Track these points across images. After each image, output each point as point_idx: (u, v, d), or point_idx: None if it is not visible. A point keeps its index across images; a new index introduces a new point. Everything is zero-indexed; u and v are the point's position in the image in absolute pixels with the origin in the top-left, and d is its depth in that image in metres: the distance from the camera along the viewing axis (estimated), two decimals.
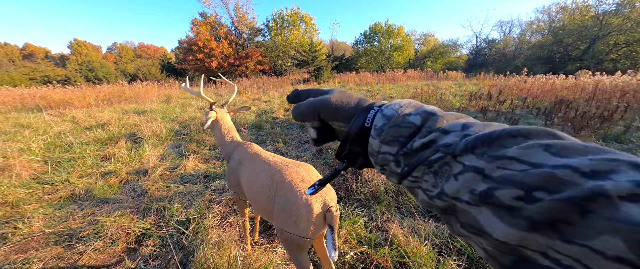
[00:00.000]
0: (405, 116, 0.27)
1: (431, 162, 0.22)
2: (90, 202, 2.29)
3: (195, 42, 18.86)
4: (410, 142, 0.25)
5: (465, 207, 0.19)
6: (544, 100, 6.55)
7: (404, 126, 0.26)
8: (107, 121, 5.20)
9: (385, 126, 0.27)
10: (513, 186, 0.16)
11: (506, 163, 0.17)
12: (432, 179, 0.22)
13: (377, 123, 0.28)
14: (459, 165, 0.20)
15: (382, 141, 0.27)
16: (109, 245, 1.71)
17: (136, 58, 40.56)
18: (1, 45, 35.44)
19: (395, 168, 0.26)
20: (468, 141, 0.20)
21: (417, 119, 0.26)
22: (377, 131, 0.28)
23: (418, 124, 0.26)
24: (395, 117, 0.27)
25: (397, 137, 0.26)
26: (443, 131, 0.24)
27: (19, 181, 2.65)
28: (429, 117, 0.26)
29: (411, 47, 26.49)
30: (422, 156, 0.23)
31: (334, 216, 1.01)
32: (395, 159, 0.26)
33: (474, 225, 0.19)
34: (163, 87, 11.84)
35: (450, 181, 0.20)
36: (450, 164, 0.21)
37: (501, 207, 0.16)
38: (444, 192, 0.20)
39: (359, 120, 0.30)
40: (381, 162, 0.28)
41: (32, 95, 8.92)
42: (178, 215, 2.00)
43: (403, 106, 0.28)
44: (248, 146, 1.45)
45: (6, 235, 1.82)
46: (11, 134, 4.42)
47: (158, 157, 3.31)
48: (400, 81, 14.27)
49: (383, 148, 0.27)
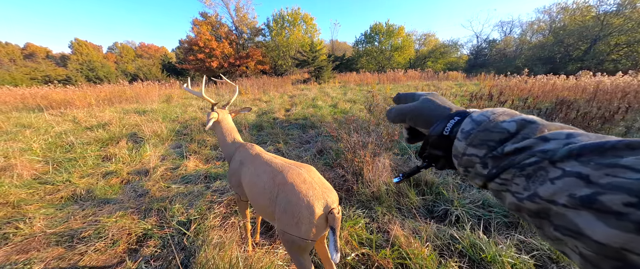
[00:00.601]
0: (498, 122, 0.27)
1: (524, 165, 0.22)
2: (91, 202, 2.30)
3: (196, 42, 18.88)
4: (502, 146, 0.25)
5: (561, 210, 0.19)
6: (545, 100, 6.53)
7: (496, 131, 0.26)
8: (108, 120, 5.21)
9: (473, 130, 0.27)
10: (625, 192, 0.16)
11: (618, 171, 0.17)
12: (524, 182, 0.22)
13: (465, 127, 0.29)
14: (557, 170, 0.20)
15: (469, 144, 0.27)
16: (110, 246, 1.71)
17: (137, 58, 40.61)
18: (2, 45, 35.52)
19: (481, 170, 0.26)
20: (572, 148, 0.20)
21: (512, 126, 0.25)
22: (465, 134, 0.28)
23: (512, 130, 0.25)
24: (485, 123, 0.27)
25: (486, 140, 0.26)
26: (543, 138, 0.23)
27: (20, 181, 2.66)
28: (526, 125, 0.25)
29: (412, 47, 26.48)
30: (514, 159, 0.23)
31: (335, 217, 1.00)
32: (482, 161, 0.26)
33: (570, 227, 0.18)
34: (164, 87, 11.84)
35: (545, 185, 0.20)
36: (546, 169, 0.20)
37: (606, 212, 0.16)
38: (538, 195, 0.20)
39: (439, 127, 0.32)
40: (465, 163, 0.28)
41: (33, 95, 8.93)
42: (179, 216, 2.00)
43: (497, 113, 0.28)
44: (249, 147, 1.45)
45: (7, 235, 1.82)
46: (12, 134, 4.42)
47: (159, 158, 3.31)
48: (400, 81, 14.26)
49: (469, 150, 0.27)
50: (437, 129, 0.32)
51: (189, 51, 19.95)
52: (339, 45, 40.82)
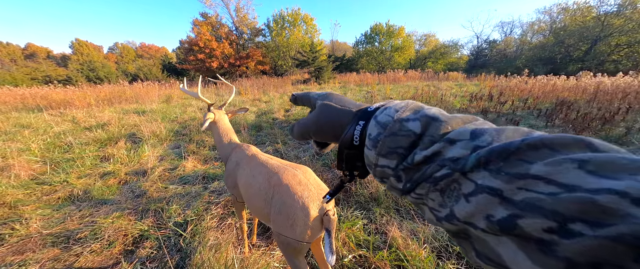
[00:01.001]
0: (402, 121, 0.23)
1: (436, 179, 0.19)
2: (88, 203, 2.29)
3: (196, 43, 18.91)
4: (411, 155, 0.22)
5: (480, 234, 0.16)
6: (545, 101, 6.52)
7: (402, 134, 0.23)
8: (107, 121, 5.20)
9: (380, 136, 0.24)
10: (541, 214, 0.13)
11: (530, 183, 0.14)
12: (439, 198, 0.19)
13: (372, 132, 0.25)
14: (470, 183, 0.17)
15: (378, 153, 0.24)
16: (106, 247, 1.70)
17: (137, 58, 40.70)
18: (3, 45, 35.61)
19: (396, 183, 0.24)
20: (480, 155, 0.17)
21: (417, 126, 0.23)
22: (372, 141, 0.25)
23: (418, 131, 0.22)
24: (391, 124, 0.24)
25: (394, 148, 0.23)
26: (448, 140, 0.20)
27: (17, 181, 2.65)
28: (430, 123, 0.22)
29: (412, 47, 26.50)
30: (426, 171, 0.20)
31: (331, 219, 0.99)
32: (395, 173, 0.23)
33: (493, 258, 0.16)
34: (164, 87, 11.86)
35: (460, 202, 0.17)
36: (459, 182, 0.18)
37: (528, 240, 0.14)
38: (454, 216, 0.18)
39: (347, 138, 0.28)
40: (380, 175, 0.25)
41: (33, 95, 8.94)
42: (176, 217, 1.99)
43: (400, 109, 0.25)
44: (246, 148, 1.44)
45: (3, 236, 1.81)
46: (11, 134, 4.42)
47: (157, 158, 3.31)
48: (400, 82, 14.25)
49: (380, 161, 0.24)
50: (345, 140, 0.28)
51: (189, 51, 19.98)
52: (339, 46, 40.84)
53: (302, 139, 0.35)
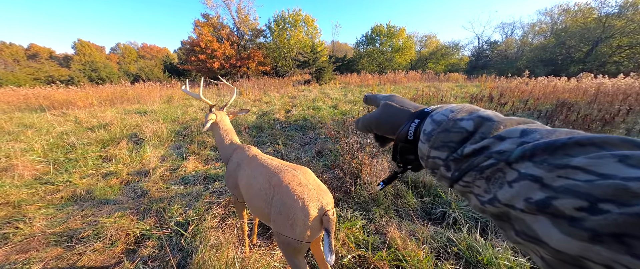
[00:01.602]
0: (456, 120, 0.26)
1: (483, 168, 0.22)
2: (90, 203, 2.31)
3: (198, 43, 18.98)
4: (461, 148, 0.24)
5: (519, 215, 0.18)
6: (546, 102, 6.52)
7: (455, 131, 0.26)
8: (109, 121, 5.24)
9: (434, 131, 0.27)
10: (575, 196, 0.15)
11: (569, 173, 0.16)
12: (484, 185, 0.22)
13: (427, 128, 0.28)
14: (513, 172, 0.19)
15: (431, 146, 0.27)
16: (108, 246, 1.72)
17: (139, 59, 40.88)
18: (6, 46, 35.86)
19: (445, 172, 0.26)
20: (525, 148, 0.19)
21: (470, 125, 0.25)
22: (426, 135, 0.28)
23: (470, 129, 0.25)
24: (445, 122, 0.27)
25: (446, 142, 0.26)
26: (498, 137, 0.22)
27: (21, 181, 2.68)
28: (483, 123, 0.25)
29: (413, 48, 26.50)
30: (473, 162, 0.23)
31: (330, 219, 1.01)
32: (445, 163, 0.26)
33: (529, 233, 0.18)
34: (165, 87, 11.91)
35: (504, 188, 0.20)
36: (504, 171, 0.20)
37: (560, 217, 0.16)
38: (497, 199, 0.20)
39: (402, 133, 0.32)
40: (431, 165, 0.28)
41: (36, 95, 9.01)
42: (177, 216, 2.02)
43: (455, 111, 0.28)
44: (246, 149, 1.46)
45: (7, 235, 1.84)
46: (15, 134, 4.46)
47: (159, 158, 3.33)
48: (401, 83, 14.26)
49: (432, 153, 0.27)
50: (401, 135, 0.32)
51: (190, 52, 20.05)
52: (340, 47, 40.90)
53: (365, 131, 0.41)
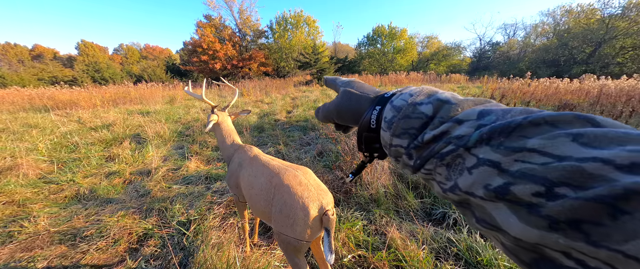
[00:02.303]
0: (415, 105, 0.25)
1: (443, 155, 0.21)
2: (94, 202, 2.34)
3: (200, 44, 19.08)
4: (421, 135, 0.24)
5: (479, 202, 0.18)
6: (548, 104, 6.49)
7: (415, 116, 0.25)
8: (112, 121, 5.29)
9: (395, 118, 0.26)
10: (531, 181, 0.15)
11: (526, 156, 0.16)
12: (445, 172, 0.21)
13: (387, 115, 0.27)
14: (472, 158, 0.19)
15: (392, 134, 0.26)
16: (111, 245, 1.74)
17: (142, 59, 41.16)
18: (11, 46, 36.25)
19: (407, 161, 0.25)
20: (482, 132, 0.19)
21: (429, 109, 0.24)
22: (387, 123, 0.27)
23: (430, 114, 0.24)
24: (405, 108, 0.26)
25: (407, 129, 0.25)
26: (456, 120, 0.22)
27: (25, 180, 2.72)
28: (441, 106, 0.24)
29: (414, 49, 26.49)
30: (434, 148, 0.22)
31: (330, 219, 1.02)
32: (407, 152, 0.25)
33: (489, 221, 0.18)
34: (167, 88, 11.98)
35: (464, 175, 0.19)
36: (463, 157, 0.20)
37: (519, 204, 0.15)
38: (458, 186, 0.19)
39: (365, 121, 0.31)
40: (394, 154, 0.27)
41: (40, 95, 9.10)
42: (179, 216, 2.03)
43: (414, 94, 0.27)
44: (248, 149, 1.48)
45: (13, 233, 1.86)
46: (19, 133, 4.51)
47: (161, 158, 3.36)
48: (403, 84, 14.26)
49: (394, 141, 0.26)
50: (363, 124, 0.31)
51: (193, 53, 20.16)
52: (341, 48, 40.95)
53: (326, 121, 0.39)
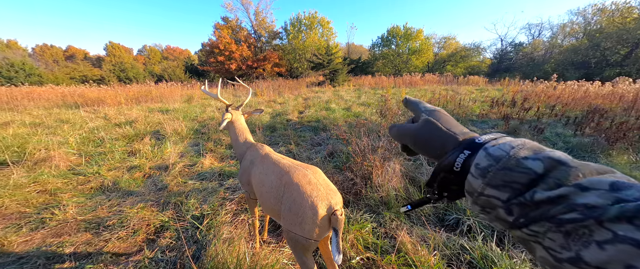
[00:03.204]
0: (519, 159, 0.23)
1: (562, 221, 0.19)
2: (116, 193, 2.48)
3: (217, 45, 19.73)
4: (530, 192, 0.22)
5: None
6: (576, 108, 6.09)
7: (519, 171, 0.23)
8: (134, 118, 5.59)
9: (492, 168, 0.24)
10: None
11: None
12: (561, 239, 0.19)
13: (481, 163, 0.25)
14: (606, 232, 0.17)
15: (487, 183, 0.24)
16: (131, 235, 1.84)
17: (163, 60, 43.16)
18: (48, 47, 39.34)
19: (505, 216, 0.23)
20: (627, 208, 0.17)
21: (538, 166, 0.22)
22: (481, 170, 0.25)
23: (539, 171, 0.22)
24: (505, 159, 0.24)
25: (508, 182, 0.23)
26: (580, 186, 0.20)
27: (57, 171, 2.94)
28: (555, 166, 0.22)
29: (430, 50, 25.81)
30: (548, 211, 0.20)
31: (338, 219, 1.02)
32: (505, 206, 0.23)
33: None
34: (186, 87, 12.50)
35: (591, 248, 0.17)
36: (591, 229, 0.18)
37: None
38: (582, 260, 0.18)
39: (447, 162, 0.29)
40: (483, 204, 0.25)
41: (71, 93, 9.80)
42: (193, 210, 2.11)
43: (516, 147, 0.25)
44: (260, 147, 1.51)
45: (45, 220, 2.02)
46: (53, 128, 4.89)
47: (178, 155, 3.51)
48: (417, 85, 13.93)
49: (488, 191, 0.24)
50: (445, 165, 0.29)
51: (210, 54, 20.88)
52: (355, 49, 40.72)
53: (398, 140, 0.38)
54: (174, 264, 1.54)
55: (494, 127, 4.83)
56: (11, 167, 2.88)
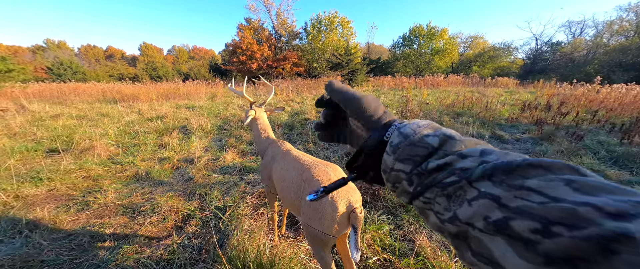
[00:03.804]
0: (423, 136, 0.27)
1: (445, 184, 0.22)
2: (149, 182, 2.69)
3: (240, 45, 20.44)
4: (425, 163, 0.25)
5: (477, 234, 0.19)
6: (623, 114, 5.48)
7: (421, 145, 0.26)
8: (164, 114, 5.99)
9: (401, 144, 0.27)
10: (530, 218, 0.16)
11: (524, 194, 0.17)
12: (445, 202, 0.22)
13: (394, 140, 0.28)
14: (474, 190, 0.20)
15: (396, 158, 0.27)
16: (161, 221, 1.99)
17: (190, 59, 45.68)
18: (91, 48, 43.38)
19: (407, 187, 0.26)
20: (486, 167, 0.20)
21: (435, 141, 0.26)
22: (393, 147, 0.28)
23: (435, 145, 0.26)
24: (412, 136, 0.27)
25: (412, 156, 0.26)
26: (460, 154, 0.23)
27: (99, 160, 3.24)
28: (447, 140, 0.26)
29: (455, 50, 24.58)
30: (437, 177, 0.23)
31: (358, 217, 1.03)
32: (408, 177, 0.26)
33: (486, 255, 0.18)
34: (210, 85, 13.13)
35: (463, 206, 0.20)
36: (464, 189, 0.21)
37: (517, 239, 0.16)
38: (457, 217, 0.20)
39: (377, 133, 0.31)
40: (393, 179, 0.28)
41: (110, 89, 10.74)
42: (217, 201, 2.23)
43: (422, 126, 0.28)
44: (281, 144, 1.56)
45: (89, 202, 2.25)
46: (95, 121, 5.40)
47: (203, 149, 3.71)
48: (440, 86, 13.37)
49: (397, 165, 0.27)
50: (376, 134, 0.31)
51: (233, 54, 21.70)
52: (375, 48, 40.03)
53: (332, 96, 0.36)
54: (200, 250, 1.65)
55: (525, 132, 4.50)
56: (62, 154, 3.23)
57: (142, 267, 1.51)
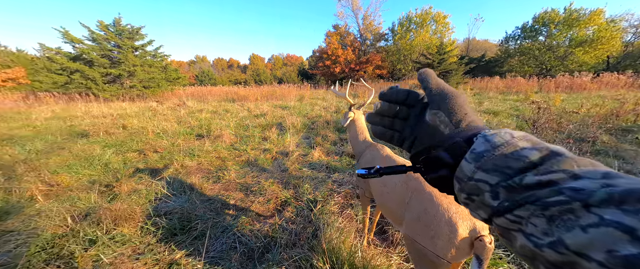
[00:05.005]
0: (518, 148, 0.23)
1: (547, 204, 0.19)
2: (256, 168, 3.27)
3: (326, 51, 21.91)
4: (520, 176, 0.21)
5: (594, 267, 0.16)
6: None
7: (515, 157, 0.23)
8: (265, 112, 7.18)
9: (487, 152, 0.24)
10: None
11: None
12: (544, 224, 0.19)
13: (477, 147, 0.25)
14: (592, 216, 0.17)
15: (478, 167, 0.24)
16: (266, 202, 2.37)
17: (283, 66, 53.03)
18: (219, 60, 57.64)
19: (489, 200, 0.23)
20: (613, 191, 0.17)
21: (534, 155, 0.22)
22: (475, 155, 0.25)
23: (534, 160, 0.22)
24: (503, 146, 0.24)
25: (501, 167, 0.23)
26: (572, 174, 0.20)
27: (224, 145, 4.23)
28: (552, 156, 0.22)
29: (616, 39, 16.97)
30: (534, 194, 0.20)
31: (486, 247, 0.86)
32: (492, 190, 0.23)
33: None
34: (299, 88, 14.78)
35: (574, 232, 0.17)
36: (577, 213, 0.17)
37: None
38: (563, 243, 0.17)
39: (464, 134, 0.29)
40: (470, 189, 0.25)
41: (230, 91, 13.90)
42: (308, 194, 2.45)
43: (516, 137, 0.25)
44: (380, 148, 1.52)
45: (220, 177, 2.96)
46: (221, 115, 7.11)
47: (295, 144, 4.18)
48: (585, 90, 9.70)
49: (478, 175, 0.24)
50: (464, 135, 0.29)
51: (319, 59, 23.52)
52: (477, 44, 33.58)
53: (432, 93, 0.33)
54: (296, 235, 1.84)
55: None
56: (204, 139, 4.41)
57: (254, 238, 1.83)
